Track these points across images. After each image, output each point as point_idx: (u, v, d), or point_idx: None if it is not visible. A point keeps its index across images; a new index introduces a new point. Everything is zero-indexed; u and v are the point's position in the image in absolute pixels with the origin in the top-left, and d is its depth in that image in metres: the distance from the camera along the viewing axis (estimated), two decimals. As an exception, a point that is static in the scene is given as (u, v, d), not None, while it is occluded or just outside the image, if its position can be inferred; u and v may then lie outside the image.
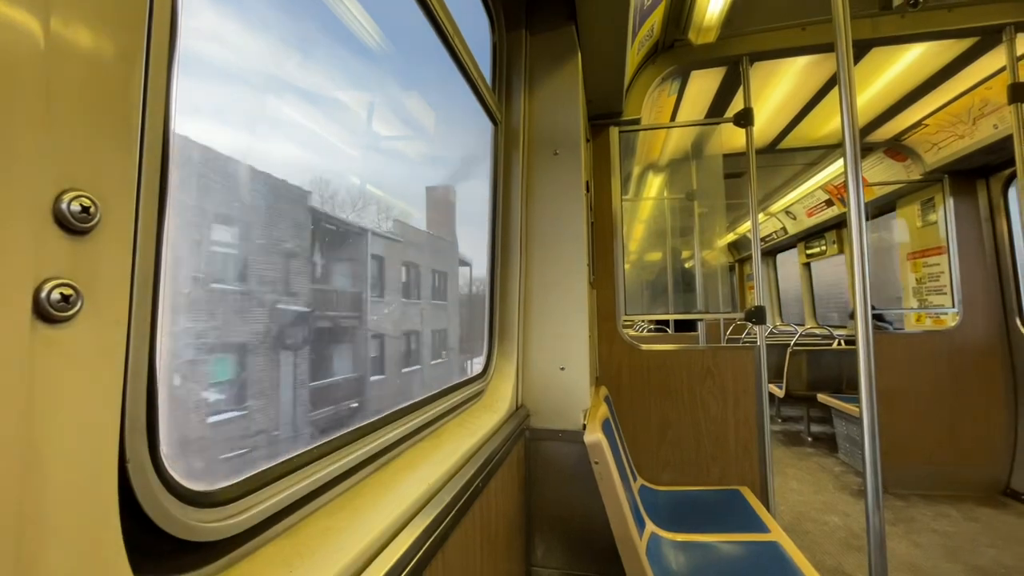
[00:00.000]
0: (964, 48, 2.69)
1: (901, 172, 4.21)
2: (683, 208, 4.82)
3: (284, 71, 1.40)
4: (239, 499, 0.64)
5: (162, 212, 0.52)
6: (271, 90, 1.33)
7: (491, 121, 1.89)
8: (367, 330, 2.65)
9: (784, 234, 6.84)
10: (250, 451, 1.36)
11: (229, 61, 1.10)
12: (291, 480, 0.75)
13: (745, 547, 1.93)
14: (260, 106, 1.26)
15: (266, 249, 1.54)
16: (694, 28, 2.53)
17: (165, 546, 0.55)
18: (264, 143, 1.21)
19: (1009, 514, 3.25)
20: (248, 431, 1.48)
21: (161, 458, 0.53)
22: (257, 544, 0.68)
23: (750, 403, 2.60)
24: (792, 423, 5.85)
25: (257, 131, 1.20)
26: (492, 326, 1.88)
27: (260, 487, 0.69)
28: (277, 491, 0.71)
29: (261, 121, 1.27)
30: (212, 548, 0.61)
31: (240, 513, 0.64)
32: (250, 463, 0.69)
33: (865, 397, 1.35)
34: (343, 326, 2.40)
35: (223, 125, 1.07)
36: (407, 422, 1.14)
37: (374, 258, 2.82)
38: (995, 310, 3.69)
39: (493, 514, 1.40)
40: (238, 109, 1.14)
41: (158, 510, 0.52)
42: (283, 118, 1.39)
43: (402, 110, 2.53)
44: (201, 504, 0.59)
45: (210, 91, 1.03)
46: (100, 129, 0.43)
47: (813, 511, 3.41)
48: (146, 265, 0.50)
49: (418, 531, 0.86)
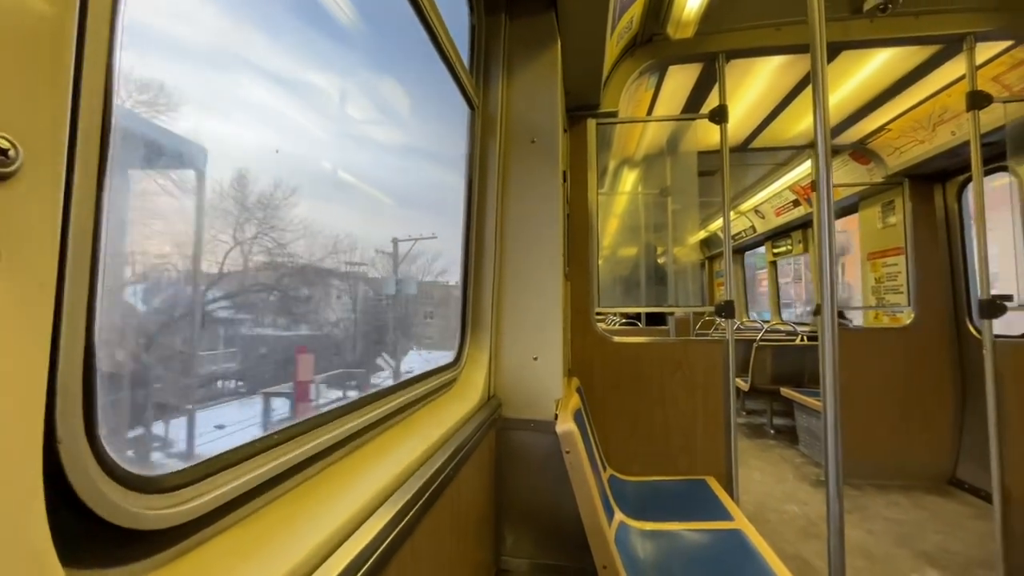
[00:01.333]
0: (928, 55, 2.79)
1: (864, 175, 4.36)
2: (657, 204, 4.87)
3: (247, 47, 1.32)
4: (191, 485, 0.60)
5: (103, 167, 0.48)
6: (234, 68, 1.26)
7: (468, 106, 1.85)
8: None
9: (753, 232, 7.02)
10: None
11: (188, 36, 1.04)
12: (250, 465, 0.71)
13: (711, 535, 1.97)
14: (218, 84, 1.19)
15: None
16: (672, 22, 2.54)
17: (105, 536, 0.50)
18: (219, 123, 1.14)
19: (954, 502, 3.43)
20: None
21: (100, 439, 0.48)
22: (210, 533, 0.64)
23: (717, 396, 2.65)
24: (756, 416, 6.02)
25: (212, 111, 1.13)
26: (465, 314, 1.85)
27: (215, 472, 0.65)
28: (234, 477, 0.67)
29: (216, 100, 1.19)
30: (159, 537, 0.56)
31: (191, 500, 0.60)
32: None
33: (830, 390, 1.38)
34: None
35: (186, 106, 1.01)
36: (376, 408, 1.11)
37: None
38: (947, 310, 3.87)
39: (463, 503, 1.38)
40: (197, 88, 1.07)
41: (96, 496, 0.48)
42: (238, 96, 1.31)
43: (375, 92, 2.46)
44: (147, 490, 0.55)
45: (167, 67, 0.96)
46: (22, 66, 0.38)
47: (774, 500, 3.52)
48: (82, 222, 0.46)
49: (385, 520, 0.83)
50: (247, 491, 0.70)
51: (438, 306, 2.79)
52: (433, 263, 2.59)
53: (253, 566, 0.62)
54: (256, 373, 1.52)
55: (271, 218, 1.26)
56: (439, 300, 2.80)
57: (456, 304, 1.95)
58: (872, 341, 3.94)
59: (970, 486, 3.57)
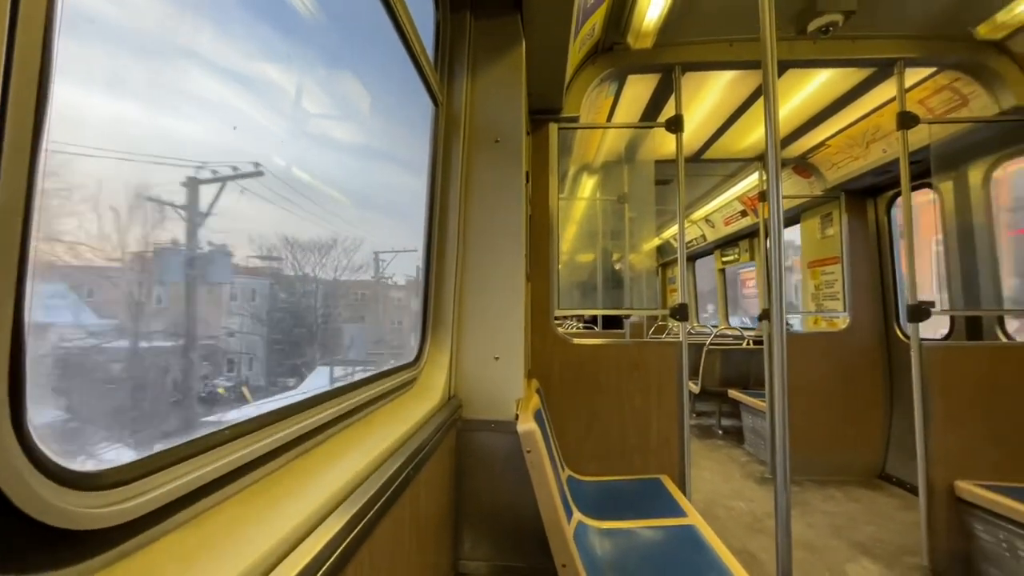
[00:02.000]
0: (863, 77, 3.00)
1: (806, 187, 4.63)
2: (615, 211, 5.00)
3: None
4: (132, 482, 0.55)
5: (35, 155, 0.43)
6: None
7: (432, 102, 1.83)
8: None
9: (704, 241, 7.30)
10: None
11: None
12: (198, 463, 0.66)
13: (665, 532, 2.02)
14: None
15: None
16: (632, 33, 2.62)
17: (35, 537, 0.45)
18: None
19: (883, 495, 3.68)
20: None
21: (29, 431, 0.44)
22: (154, 535, 0.59)
23: (671, 396, 2.73)
24: (706, 417, 6.25)
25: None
26: (426, 313, 1.82)
27: (159, 469, 0.60)
28: (180, 474, 0.63)
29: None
30: (97, 538, 0.51)
31: (133, 498, 0.55)
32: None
33: (778, 391, 1.45)
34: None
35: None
36: (333, 406, 1.07)
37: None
38: (877, 315, 4.16)
39: (422, 505, 1.35)
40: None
41: (23, 492, 0.43)
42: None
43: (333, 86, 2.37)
44: (84, 487, 0.50)
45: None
46: None
47: (722, 498, 3.65)
48: (9, 214, 0.42)
49: (342, 522, 0.79)
50: (195, 490, 0.65)
51: (361, 307, 2.51)
52: (353, 255, 2.23)
53: (199, 570, 0.58)
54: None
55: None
56: (364, 301, 2.49)
57: (391, 305, 1.86)
58: (812, 345, 4.17)
59: (897, 480, 3.83)
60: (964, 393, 2.57)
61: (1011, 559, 2.25)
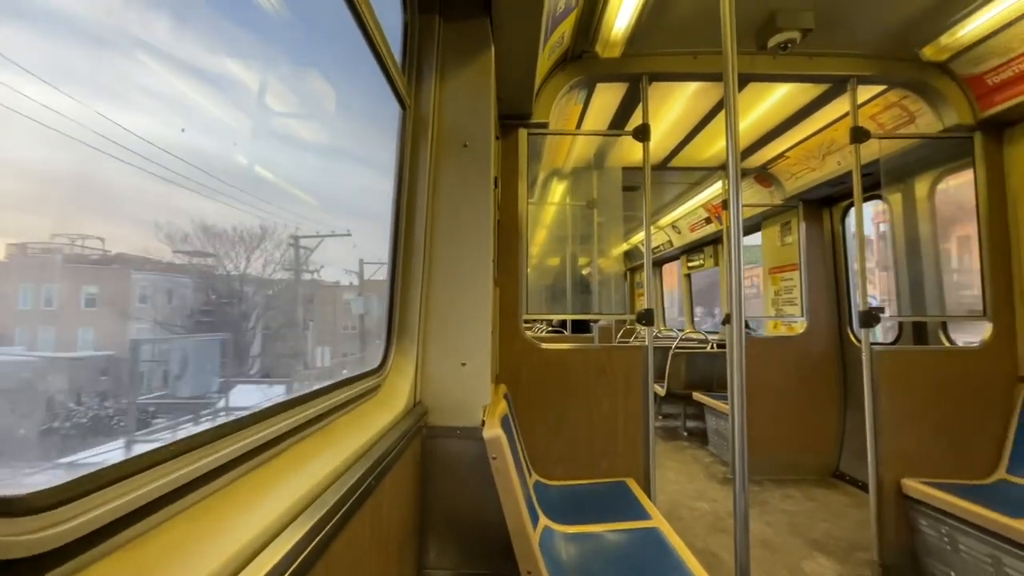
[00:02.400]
0: (820, 92, 3.13)
1: (767, 197, 4.79)
2: (584, 216, 5.05)
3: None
4: (65, 504, 0.52)
5: None
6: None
7: (400, 105, 1.80)
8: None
9: (670, 246, 7.47)
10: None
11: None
12: (140, 480, 0.63)
13: (630, 534, 2.04)
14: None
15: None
16: (601, 42, 2.65)
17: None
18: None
19: (838, 493, 3.83)
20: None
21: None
22: (89, 559, 0.55)
23: (637, 400, 2.77)
24: (671, 419, 6.38)
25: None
26: (391, 319, 1.79)
27: (96, 489, 0.56)
28: (119, 493, 0.59)
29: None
30: (24, 567, 0.48)
31: (65, 521, 0.51)
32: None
33: (737, 393, 1.49)
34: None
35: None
36: (292, 416, 1.04)
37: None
38: (833, 320, 4.34)
39: (385, 515, 1.33)
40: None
41: None
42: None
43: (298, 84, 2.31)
44: (8, 512, 0.46)
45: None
46: None
47: (687, 499, 3.73)
48: None
49: (297, 536, 0.77)
50: (135, 509, 0.61)
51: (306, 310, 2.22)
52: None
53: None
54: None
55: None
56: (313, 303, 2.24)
57: (339, 308, 1.78)
58: (772, 348, 4.32)
59: (851, 478, 4.00)
60: (910, 395, 2.71)
61: (952, 552, 2.37)
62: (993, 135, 2.82)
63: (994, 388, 2.73)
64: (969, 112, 2.79)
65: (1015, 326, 2.75)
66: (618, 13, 2.41)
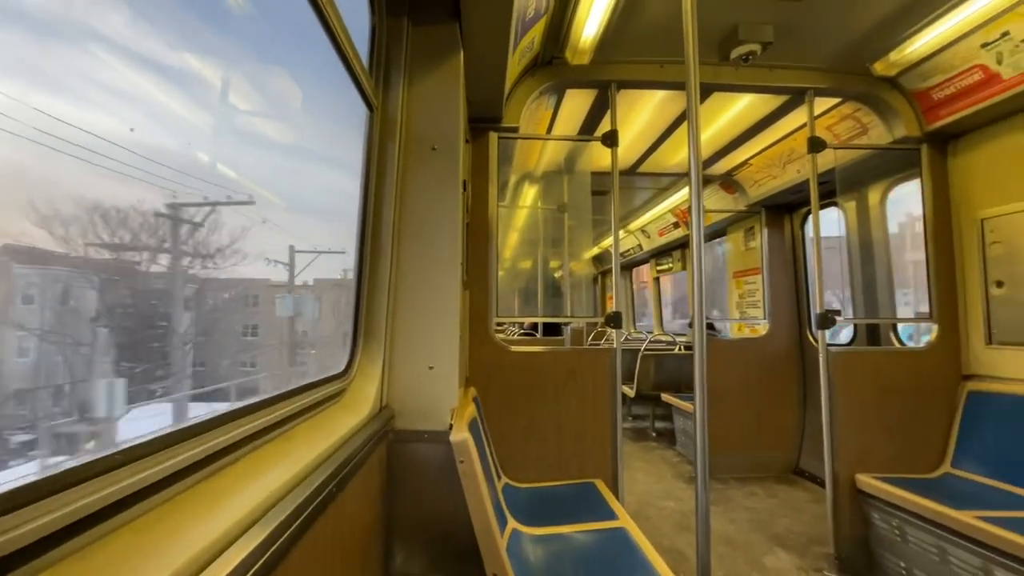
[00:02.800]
0: (780, 103, 3.26)
1: (731, 203, 4.94)
2: (555, 219, 5.11)
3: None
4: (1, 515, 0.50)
5: None
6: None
7: (366, 107, 1.79)
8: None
9: (640, 250, 7.60)
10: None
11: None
12: (85, 489, 0.61)
13: (597, 535, 2.07)
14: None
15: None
16: (571, 48, 2.69)
17: None
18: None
19: (798, 489, 3.96)
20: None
21: None
22: (29, 572, 0.53)
23: (606, 402, 2.80)
24: (640, 420, 6.48)
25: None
26: (357, 322, 1.77)
27: (35, 499, 0.54)
28: (61, 504, 0.57)
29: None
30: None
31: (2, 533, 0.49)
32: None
33: (699, 393, 1.53)
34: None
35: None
36: (249, 422, 1.01)
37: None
38: (793, 323, 4.50)
39: (348, 522, 1.31)
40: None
41: None
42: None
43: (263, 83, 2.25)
44: None
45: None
46: None
47: (654, 498, 3.79)
48: None
49: (252, 545, 0.75)
50: (79, 520, 0.59)
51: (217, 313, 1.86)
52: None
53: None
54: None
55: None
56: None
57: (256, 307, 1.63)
58: (736, 350, 4.45)
59: (809, 475, 4.15)
60: (863, 394, 2.83)
61: (902, 543, 2.49)
62: (938, 147, 2.98)
63: (940, 386, 2.89)
64: (916, 125, 2.94)
65: (958, 328, 2.91)
66: (587, 21, 2.45)
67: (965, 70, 2.57)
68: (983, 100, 2.57)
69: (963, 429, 2.79)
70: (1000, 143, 2.70)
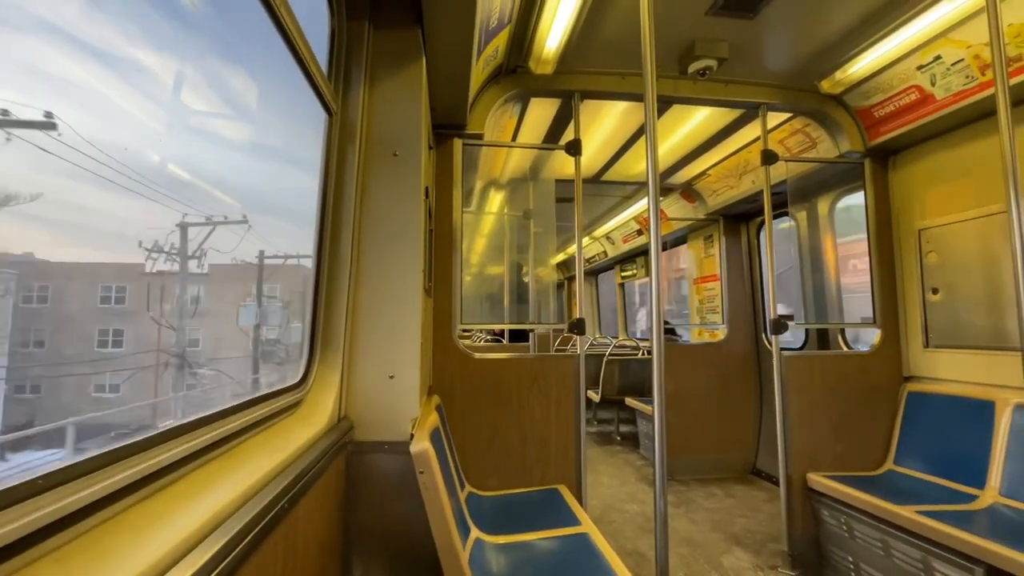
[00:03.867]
0: (735, 117, 3.38)
1: (691, 211, 5.09)
2: (521, 226, 5.13)
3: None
4: None
5: None
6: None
7: (325, 111, 1.75)
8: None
9: (605, 256, 7.72)
10: None
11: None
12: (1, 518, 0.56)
13: (560, 541, 2.07)
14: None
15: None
16: (534, 58, 2.72)
17: None
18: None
19: (755, 489, 4.09)
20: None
21: None
22: None
23: (569, 407, 2.82)
24: (606, 425, 6.56)
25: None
26: (315, 331, 1.72)
27: None
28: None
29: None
30: None
31: None
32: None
33: (657, 396, 1.56)
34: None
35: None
36: (196, 437, 0.97)
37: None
38: (749, 327, 4.66)
39: (301, 540, 1.26)
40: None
41: None
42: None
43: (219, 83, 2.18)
44: None
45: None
46: None
47: (618, 501, 3.84)
48: None
49: (192, 569, 0.72)
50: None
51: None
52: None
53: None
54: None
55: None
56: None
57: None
58: (696, 354, 4.57)
59: (766, 474, 4.29)
60: (813, 395, 2.96)
61: (849, 539, 2.60)
62: (880, 162, 3.16)
63: (883, 388, 3.04)
64: (860, 140, 3.11)
65: (899, 332, 3.08)
66: (549, 32, 2.48)
67: (903, 90, 2.74)
68: (919, 119, 2.74)
69: (904, 428, 2.95)
70: (935, 159, 2.89)
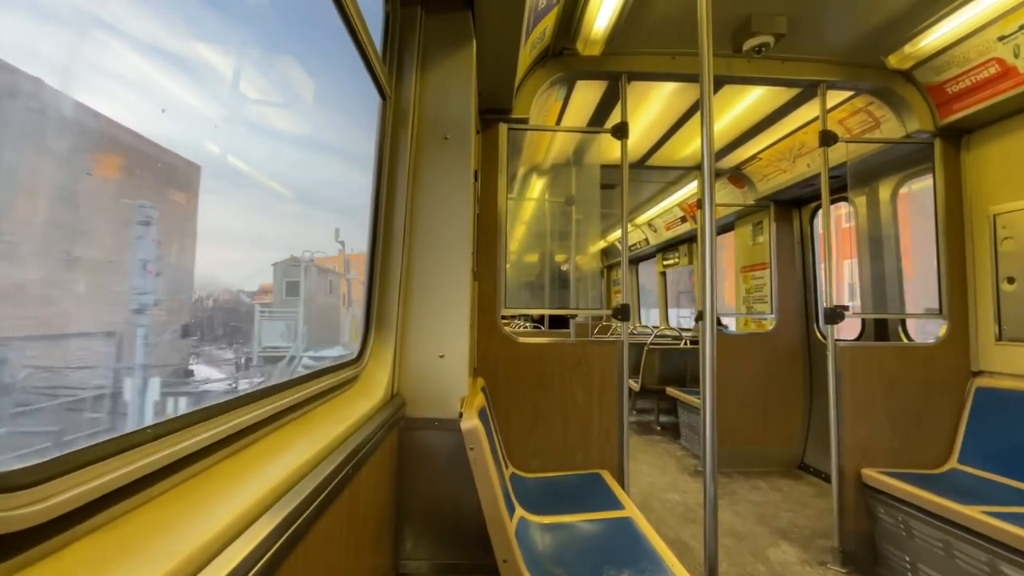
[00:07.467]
0: (791, 96, 3.23)
1: (739, 197, 4.91)
2: (562, 212, 5.10)
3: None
4: (40, 484, 0.51)
5: None
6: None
7: (380, 95, 1.79)
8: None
9: (647, 244, 7.58)
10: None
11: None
12: (118, 462, 0.62)
13: (603, 524, 2.09)
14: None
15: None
16: (582, 39, 2.68)
17: None
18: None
19: (802, 484, 3.97)
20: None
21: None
22: (65, 540, 0.55)
23: (612, 394, 2.82)
24: (645, 414, 6.49)
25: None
26: (370, 310, 1.78)
27: (71, 470, 0.56)
28: (100, 473, 0.59)
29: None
30: (6, 542, 0.48)
31: (46, 499, 0.51)
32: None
33: (708, 388, 1.54)
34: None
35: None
36: (269, 404, 1.03)
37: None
38: (800, 318, 4.48)
39: (362, 505, 1.33)
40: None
41: None
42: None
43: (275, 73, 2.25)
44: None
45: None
46: None
47: (659, 491, 3.81)
48: None
49: (274, 523, 0.77)
50: (116, 489, 0.61)
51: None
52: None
53: (120, 573, 0.54)
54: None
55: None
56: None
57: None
58: (742, 345, 4.44)
59: (815, 470, 4.15)
60: (871, 388, 2.83)
61: (907, 538, 2.49)
62: (952, 142, 2.95)
63: (948, 382, 2.88)
64: (930, 119, 2.91)
65: (968, 324, 2.90)
66: (599, 12, 2.44)
67: (981, 63, 2.54)
68: (999, 94, 2.54)
69: (971, 425, 2.79)
70: (1015, 138, 2.67)
